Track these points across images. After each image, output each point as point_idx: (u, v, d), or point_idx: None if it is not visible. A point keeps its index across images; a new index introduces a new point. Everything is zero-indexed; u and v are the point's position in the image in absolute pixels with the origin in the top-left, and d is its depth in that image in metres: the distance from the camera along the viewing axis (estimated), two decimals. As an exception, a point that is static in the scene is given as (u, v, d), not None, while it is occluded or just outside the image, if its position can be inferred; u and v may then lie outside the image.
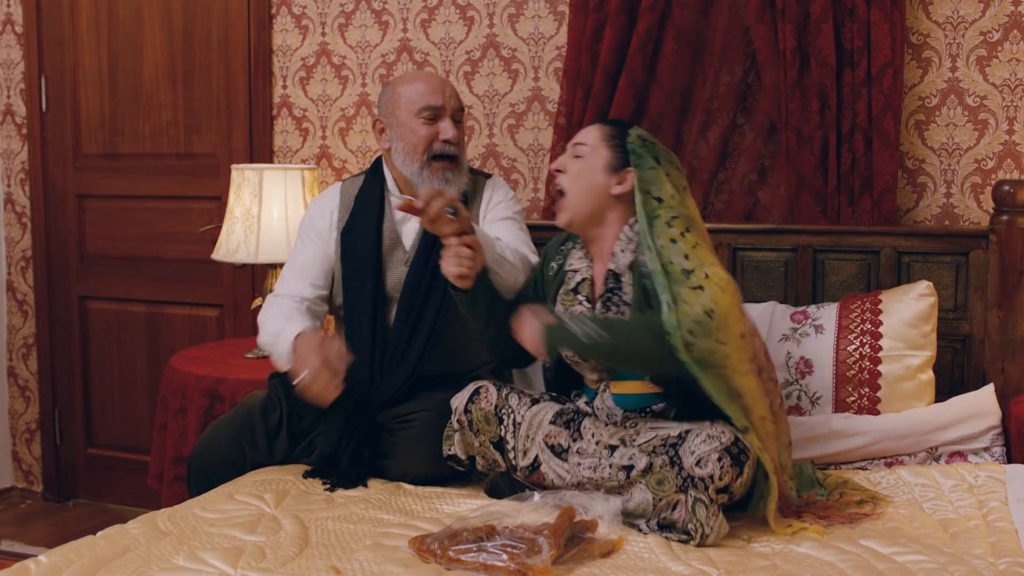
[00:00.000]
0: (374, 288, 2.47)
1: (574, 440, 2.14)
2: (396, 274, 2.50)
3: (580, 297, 2.25)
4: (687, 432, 2.00)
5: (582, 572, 1.80)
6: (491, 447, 2.21)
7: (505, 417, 2.19)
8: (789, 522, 2.03)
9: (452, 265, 2.16)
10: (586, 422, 2.16)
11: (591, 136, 2.25)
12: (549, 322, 2.12)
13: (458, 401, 2.25)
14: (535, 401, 2.23)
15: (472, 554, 1.80)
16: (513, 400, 2.22)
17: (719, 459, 1.93)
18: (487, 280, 2.23)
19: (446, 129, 2.46)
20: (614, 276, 2.21)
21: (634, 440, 2.06)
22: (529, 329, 2.13)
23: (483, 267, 2.19)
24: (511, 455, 2.18)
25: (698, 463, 1.94)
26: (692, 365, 1.98)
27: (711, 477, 1.92)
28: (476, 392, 2.24)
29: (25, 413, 4.22)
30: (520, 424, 2.18)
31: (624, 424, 2.14)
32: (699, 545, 1.92)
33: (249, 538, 1.93)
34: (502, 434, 2.19)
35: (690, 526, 1.93)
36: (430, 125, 2.47)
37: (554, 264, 2.35)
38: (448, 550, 1.81)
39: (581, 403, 2.27)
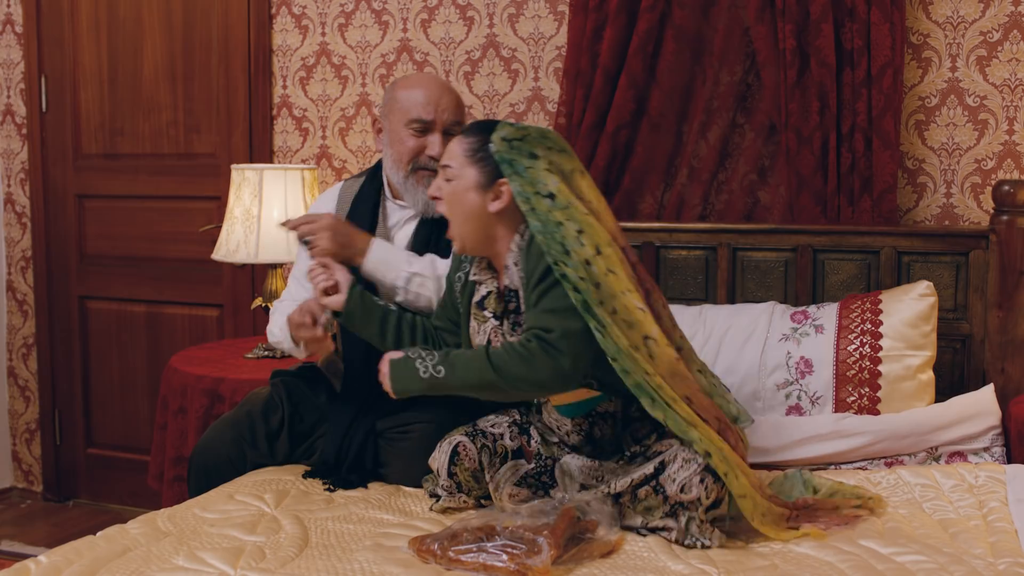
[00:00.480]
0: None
1: (540, 499, 2.06)
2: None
3: (487, 313, 2.16)
4: (662, 463, 1.97)
5: (582, 572, 1.80)
6: (480, 499, 2.16)
7: (489, 472, 2.14)
8: (785, 527, 2.02)
9: (318, 284, 2.24)
10: (555, 483, 2.12)
11: (454, 155, 2.10)
12: (395, 358, 2.04)
13: (438, 463, 2.16)
14: (504, 459, 2.15)
15: (472, 554, 1.80)
16: (485, 458, 2.14)
17: (701, 480, 1.92)
18: (366, 300, 2.24)
19: (433, 145, 2.39)
20: (511, 292, 2.12)
21: (607, 493, 2.00)
22: (383, 367, 2.06)
23: (352, 284, 2.24)
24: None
25: (682, 489, 1.92)
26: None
27: (698, 500, 1.91)
28: (455, 452, 2.15)
29: (25, 413, 4.22)
30: (495, 478, 2.14)
31: (591, 479, 2.08)
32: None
33: (249, 538, 1.93)
34: (491, 488, 2.14)
35: (687, 543, 1.92)
36: (418, 137, 2.41)
37: (461, 274, 2.24)
38: (448, 550, 1.81)
39: (535, 423, 2.22)
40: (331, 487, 2.26)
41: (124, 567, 1.78)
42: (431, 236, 2.44)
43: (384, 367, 2.06)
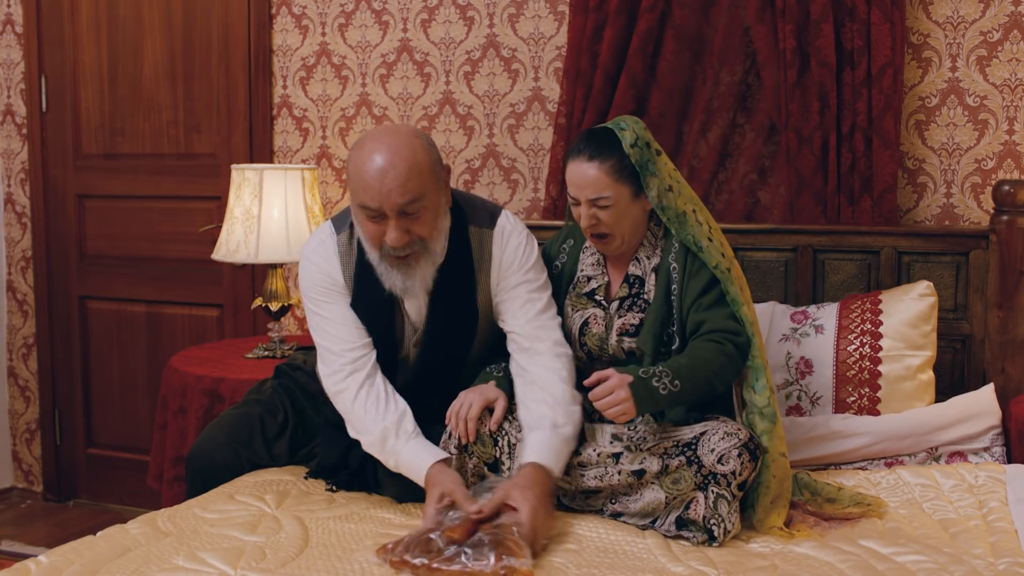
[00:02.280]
0: (384, 358, 2.26)
1: (573, 454, 2.12)
2: (404, 350, 2.31)
3: (598, 298, 2.27)
4: (702, 433, 2.04)
5: (582, 572, 1.79)
6: (485, 467, 2.17)
7: (500, 439, 2.17)
8: (783, 527, 2.03)
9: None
10: (583, 435, 2.15)
11: (601, 183, 2.14)
12: (633, 382, 2.00)
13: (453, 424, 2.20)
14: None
15: (456, 562, 1.77)
16: (505, 424, 2.18)
17: (739, 455, 1.98)
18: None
19: (389, 234, 2.07)
20: (638, 280, 2.23)
21: (639, 446, 2.07)
22: (620, 394, 1.99)
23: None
24: (506, 476, 2.15)
25: (719, 460, 1.98)
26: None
27: (733, 473, 1.97)
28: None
29: (25, 413, 4.22)
30: (515, 445, 2.16)
31: (625, 433, 2.14)
32: (720, 544, 1.93)
33: (249, 538, 1.93)
34: (497, 455, 2.17)
35: (712, 522, 1.94)
36: (374, 223, 2.09)
37: (557, 263, 2.36)
38: (432, 563, 1.78)
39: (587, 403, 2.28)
40: (333, 487, 2.25)
41: (124, 567, 1.78)
42: (448, 311, 2.25)
43: (623, 393, 1.98)
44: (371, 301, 2.22)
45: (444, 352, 2.27)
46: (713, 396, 2.16)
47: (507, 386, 2.22)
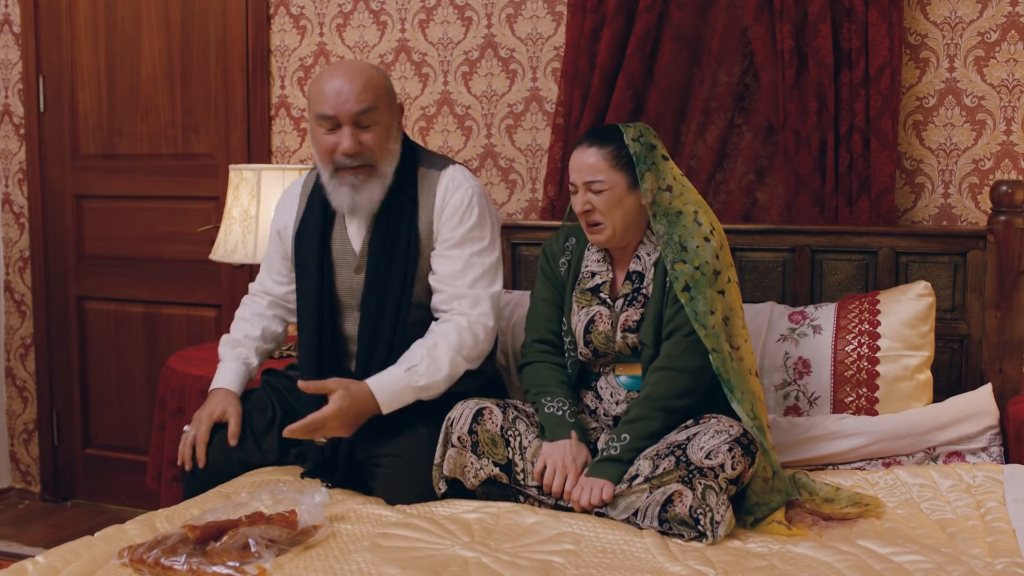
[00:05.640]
0: (318, 293, 2.38)
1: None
2: (346, 280, 2.40)
3: (603, 295, 2.28)
4: (695, 434, 2.05)
5: (581, 573, 1.79)
6: (494, 467, 2.17)
7: (512, 440, 2.18)
8: (783, 525, 2.04)
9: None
10: (597, 448, 2.18)
11: (598, 167, 2.20)
12: (591, 470, 2.10)
13: (460, 419, 2.20)
14: (542, 432, 2.21)
15: (188, 560, 1.77)
16: (521, 426, 2.20)
17: (729, 449, 1.99)
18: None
19: (343, 140, 2.26)
20: (638, 276, 2.25)
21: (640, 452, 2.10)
22: (591, 492, 2.06)
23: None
24: (519, 476, 2.17)
25: (708, 456, 1.98)
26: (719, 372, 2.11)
27: (721, 466, 1.97)
28: (479, 412, 2.20)
29: (23, 413, 4.22)
30: (527, 448, 2.17)
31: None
32: (712, 541, 1.93)
33: (247, 538, 1.93)
34: (510, 456, 2.17)
35: (699, 511, 1.93)
36: (329, 134, 2.28)
37: (563, 260, 2.37)
38: (160, 560, 1.77)
39: (586, 399, 2.30)
40: (329, 484, 2.25)
41: (122, 568, 1.78)
42: (385, 235, 2.35)
43: (586, 483, 2.08)
44: (311, 228, 2.40)
45: (385, 286, 2.32)
46: (702, 402, 2.17)
47: (580, 429, 2.21)
